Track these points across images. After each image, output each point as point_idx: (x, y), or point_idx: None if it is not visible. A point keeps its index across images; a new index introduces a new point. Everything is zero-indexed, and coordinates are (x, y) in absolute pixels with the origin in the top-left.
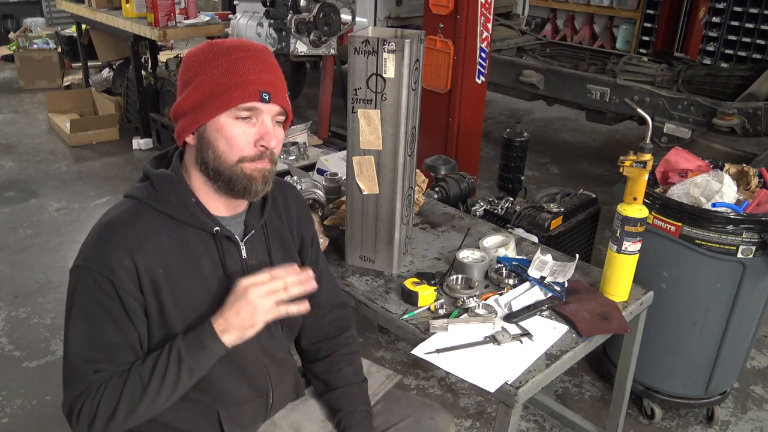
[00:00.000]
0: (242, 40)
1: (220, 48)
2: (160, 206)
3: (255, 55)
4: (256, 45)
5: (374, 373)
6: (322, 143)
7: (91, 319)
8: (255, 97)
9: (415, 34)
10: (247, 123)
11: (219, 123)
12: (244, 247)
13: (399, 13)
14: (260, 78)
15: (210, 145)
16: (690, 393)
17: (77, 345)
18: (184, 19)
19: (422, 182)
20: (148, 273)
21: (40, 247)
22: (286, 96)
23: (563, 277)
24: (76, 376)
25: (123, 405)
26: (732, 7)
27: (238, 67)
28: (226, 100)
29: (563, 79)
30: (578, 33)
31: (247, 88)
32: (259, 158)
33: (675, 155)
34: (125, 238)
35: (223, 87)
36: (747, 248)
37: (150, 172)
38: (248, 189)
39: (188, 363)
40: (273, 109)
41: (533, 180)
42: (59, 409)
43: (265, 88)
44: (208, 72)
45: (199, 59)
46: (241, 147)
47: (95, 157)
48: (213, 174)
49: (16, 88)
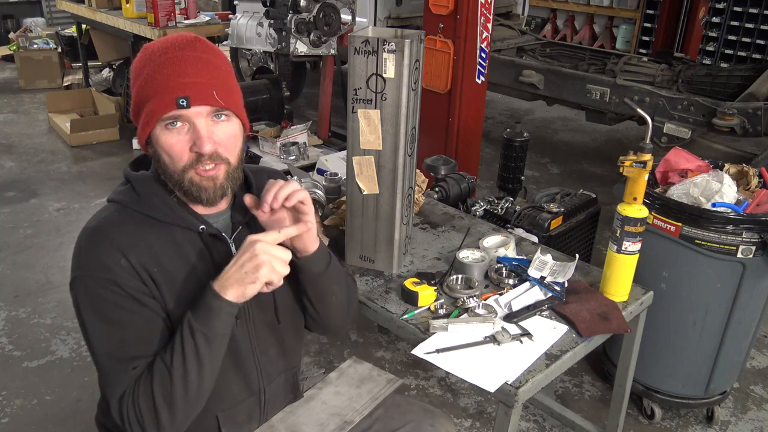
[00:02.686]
0: (170, 37)
1: (146, 53)
2: (144, 209)
3: (175, 56)
4: (183, 41)
5: (375, 377)
6: (322, 143)
7: (111, 321)
8: (172, 106)
9: (415, 34)
10: (180, 130)
11: (155, 135)
12: (233, 244)
13: (399, 13)
14: (177, 82)
15: (158, 157)
16: (690, 393)
17: (107, 350)
18: (184, 19)
19: (422, 182)
20: (145, 271)
21: (40, 247)
22: (212, 92)
23: (563, 277)
24: (116, 380)
25: (159, 397)
26: (732, 7)
27: (156, 74)
28: (149, 113)
29: (563, 79)
30: (578, 33)
31: (163, 97)
32: (199, 164)
33: (675, 155)
34: (115, 239)
35: (146, 100)
36: (747, 248)
37: (130, 175)
38: (200, 198)
39: (200, 330)
40: (201, 111)
41: (533, 180)
42: (59, 409)
43: (183, 92)
44: (138, 82)
45: (135, 67)
46: (180, 156)
47: (95, 157)
48: (171, 183)
49: (16, 88)
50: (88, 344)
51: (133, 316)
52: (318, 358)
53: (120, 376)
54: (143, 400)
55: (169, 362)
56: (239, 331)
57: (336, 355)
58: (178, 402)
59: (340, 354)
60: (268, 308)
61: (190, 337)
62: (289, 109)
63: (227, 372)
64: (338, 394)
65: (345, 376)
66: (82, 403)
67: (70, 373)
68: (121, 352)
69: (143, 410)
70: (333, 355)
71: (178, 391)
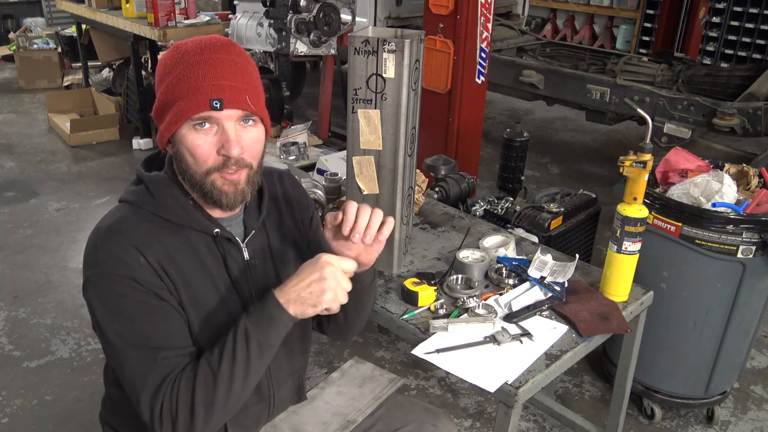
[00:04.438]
0: (204, 38)
1: (178, 52)
2: (158, 210)
3: (210, 57)
4: (217, 43)
5: (377, 377)
6: (322, 143)
7: (132, 316)
8: (204, 107)
9: (415, 34)
10: (207, 132)
11: (181, 134)
12: (245, 248)
13: (399, 13)
14: (212, 84)
15: (181, 157)
16: (690, 393)
17: (132, 345)
18: (184, 19)
19: (422, 182)
20: (162, 269)
21: (40, 247)
22: (245, 97)
23: (563, 277)
24: (145, 373)
25: (199, 399)
26: (732, 7)
27: (189, 74)
28: (178, 111)
29: (563, 79)
30: (578, 33)
31: (195, 97)
32: (225, 168)
33: (675, 155)
34: (132, 238)
35: (177, 98)
36: (747, 248)
37: (144, 175)
38: (220, 202)
39: (256, 338)
40: (232, 114)
41: (533, 180)
42: (59, 409)
43: (217, 94)
44: (167, 81)
45: (162, 66)
46: (205, 157)
47: (95, 157)
48: (189, 184)
49: (16, 88)
50: (108, 344)
51: (153, 309)
52: (318, 358)
53: (149, 369)
54: (182, 399)
55: (217, 364)
56: None
57: (336, 356)
58: (218, 406)
59: (341, 354)
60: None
61: (244, 342)
62: (289, 109)
63: None
64: (340, 394)
65: (347, 376)
66: (82, 403)
67: (70, 373)
68: (146, 343)
69: (180, 409)
70: (333, 356)
71: (221, 394)
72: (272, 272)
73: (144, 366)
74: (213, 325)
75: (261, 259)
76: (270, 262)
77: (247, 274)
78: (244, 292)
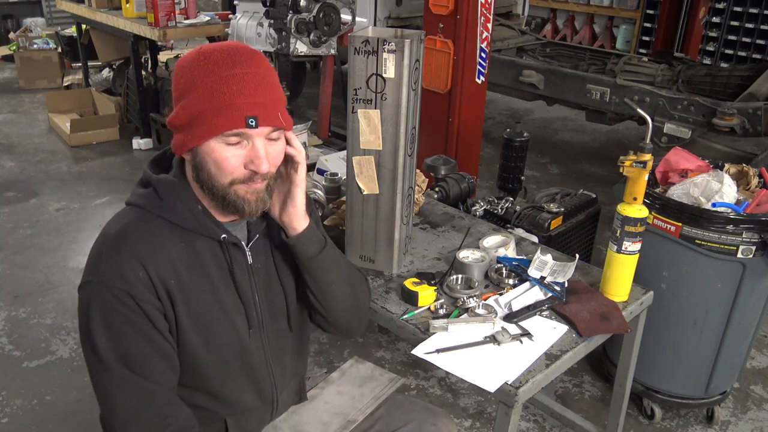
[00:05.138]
0: (232, 48)
1: (207, 62)
2: (167, 215)
3: (242, 72)
4: (245, 56)
5: (377, 376)
6: (322, 143)
7: (117, 332)
8: (240, 124)
9: (415, 34)
10: (238, 146)
11: (209, 146)
12: (249, 252)
13: (399, 13)
14: (246, 101)
15: (203, 166)
16: (690, 393)
17: (112, 359)
18: (184, 19)
19: (422, 182)
20: (162, 284)
21: (40, 247)
22: (278, 114)
23: (563, 277)
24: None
25: None
26: (732, 7)
27: (223, 89)
28: (211, 126)
29: (563, 79)
30: (578, 33)
31: (231, 114)
32: (251, 180)
33: (675, 155)
34: (136, 249)
35: (209, 112)
36: (747, 248)
37: (152, 178)
38: (242, 210)
39: None
40: (264, 131)
41: (533, 180)
42: (59, 409)
43: (252, 111)
44: (195, 92)
45: (188, 74)
46: (232, 170)
47: (95, 157)
48: (208, 192)
49: (16, 88)
50: (92, 350)
51: (138, 333)
52: (318, 358)
53: (121, 389)
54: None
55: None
56: (252, 341)
57: (336, 355)
58: None
59: (340, 354)
60: (281, 316)
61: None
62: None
63: (241, 382)
64: (341, 394)
65: (347, 376)
66: (82, 403)
67: (70, 373)
68: (124, 362)
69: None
70: (333, 355)
71: None
72: (274, 275)
73: (114, 385)
74: (214, 332)
75: (264, 262)
76: (272, 264)
77: (250, 278)
78: (246, 295)
